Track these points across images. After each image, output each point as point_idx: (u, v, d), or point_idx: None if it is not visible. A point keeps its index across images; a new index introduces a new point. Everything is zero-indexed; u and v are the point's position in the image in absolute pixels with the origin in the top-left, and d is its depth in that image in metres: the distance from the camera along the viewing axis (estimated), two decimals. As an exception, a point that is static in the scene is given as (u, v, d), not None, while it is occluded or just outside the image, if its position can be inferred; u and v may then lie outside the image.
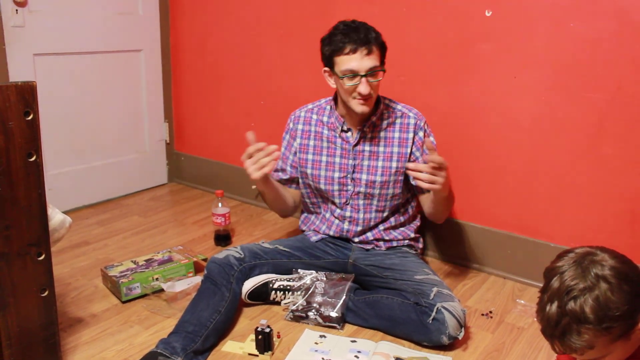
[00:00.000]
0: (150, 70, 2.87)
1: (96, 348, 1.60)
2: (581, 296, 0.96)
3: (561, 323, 0.98)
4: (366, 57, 1.64)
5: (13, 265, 1.27)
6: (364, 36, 1.64)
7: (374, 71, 1.66)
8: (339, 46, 1.65)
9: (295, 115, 1.95)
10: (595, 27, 1.75)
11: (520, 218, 2.03)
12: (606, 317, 0.94)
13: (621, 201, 1.81)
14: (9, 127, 1.20)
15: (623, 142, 1.77)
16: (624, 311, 0.94)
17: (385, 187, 1.81)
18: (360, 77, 1.64)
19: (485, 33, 1.95)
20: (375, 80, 1.68)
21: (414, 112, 1.84)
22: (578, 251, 1.03)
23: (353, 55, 1.64)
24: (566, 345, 0.99)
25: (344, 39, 1.65)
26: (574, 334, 0.97)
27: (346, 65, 1.65)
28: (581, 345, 0.97)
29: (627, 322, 0.96)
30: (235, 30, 2.64)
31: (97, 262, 2.12)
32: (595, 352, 0.98)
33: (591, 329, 0.95)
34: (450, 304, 1.58)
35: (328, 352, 1.58)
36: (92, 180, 2.71)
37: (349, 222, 1.87)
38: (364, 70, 1.64)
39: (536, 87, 1.89)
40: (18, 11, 2.28)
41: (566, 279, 0.99)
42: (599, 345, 0.97)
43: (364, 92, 1.64)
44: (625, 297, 0.95)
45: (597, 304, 0.95)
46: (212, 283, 1.69)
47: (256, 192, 2.77)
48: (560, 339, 0.99)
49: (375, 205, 1.84)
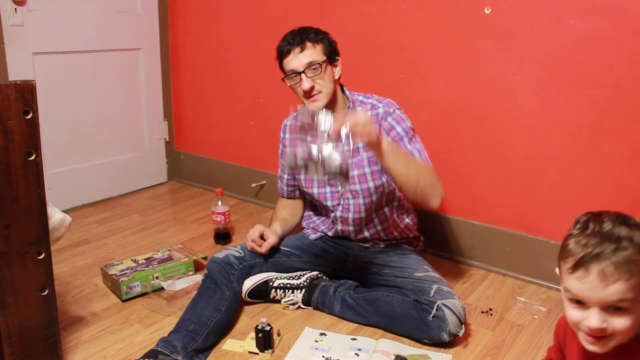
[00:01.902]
0: (149, 69, 2.87)
1: (96, 347, 1.61)
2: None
3: (624, 237, 0.92)
4: (300, 54, 1.68)
5: (13, 265, 1.27)
6: (297, 36, 1.70)
7: (313, 66, 1.68)
8: (280, 51, 1.73)
9: (283, 125, 1.98)
10: (594, 24, 1.75)
11: (520, 215, 2.03)
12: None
13: (620, 198, 1.82)
14: (8, 126, 1.20)
15: (622, 139, 1.77)
16: None
17: (380, 189, 1.78)
18: (300, 75, 1.68)
19: (485, 30, 1.95)
20: (316, 75, 1.68)
21: (385, 102, 1.78)
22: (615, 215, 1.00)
23: (289, 56, 1.70)
24: (613, 261, 0.91)
25: (282, 43, 1.73)
26: (626, 250, 0.91)
27: (287, 66, 1.71)
28: (628, 267, 0.89)
29: None
30: (235, 29, 2.64)
31: (97, 261, 2.13)
32: (627, 290, 0.90)
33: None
34: (450, 301, 1.59)
35: (328, 350, 1.58)
36: (92, 179, 2.71)
37: (342, 223, 1.87)
38: (300, 67, 1.68)
39: (535, 84, 1.89)
40: (17, 10, 2.28)
41: (619, 215, 0.95)
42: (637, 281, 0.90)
43: (305, 87, 1.68)
44: None
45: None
46: (213, 282, 1.69)
47: (256, 191, 2.78)
48: (607, 253, 0.91)
49: (363, 204, 1.82)
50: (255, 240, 1.80)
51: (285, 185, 2.01)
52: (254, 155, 2.75)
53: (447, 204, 2.17)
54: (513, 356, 1.59)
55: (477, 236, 2.12)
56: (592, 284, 0.92)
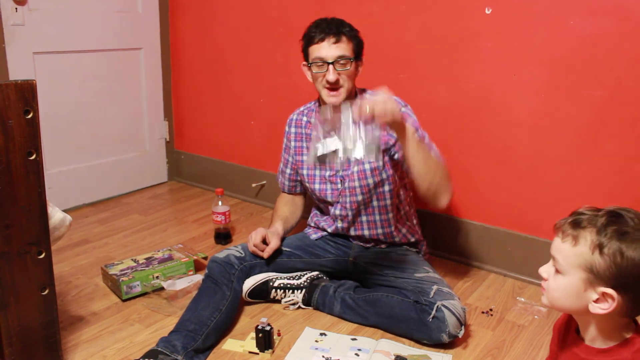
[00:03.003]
0: (150, 69, 2.87)
1: (97, 346, 1.61)
2: (627, 228, 0.91)
3: (595, 215, 0.93)
4: (334, 45, 1.67)
5: (13, 264, 1.27)
6: (334, 27, 1.69)
7: (342, 60, 1.67)
8: (310, 36, 1.71)
9: (289, 119, 1.97)
10: (595, 24, 1.75)
11: (520, 215, 2.03)
12: (610, 249, 0.89)
13: (622, 198, 1.81)
14: (8, 125, 1.20)
15: (623, 139, 1.77)
16: (616, 269, 0.89)
17: (380, 186, 1.78)
18: (328, 65, 1.66)
19: (485, 30, 1.95)
20: (343, 69, 1.68)
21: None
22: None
23: (322, 44, 1.67)
24: (570, 223, 0.94)
25: (315, 30, 1.70)
26: (584, 223, 0.93)
27: (315, 53, 1.69)
28: (576, 232, 0.93)
29: (605, 275, 0.90)
30: (235, 28, 2.64)
31: (97, 261, 2.13)
32: (568, 257, 0.93)
33: (594, 236, 0.91)
34: (450, 302, 1.59)
35: (328, 350, 1.58)
36: (92, 179, 2.71)
37: (341, 220, 1.87)
38: (331, 58, 1.66)
39: (536, 84, 1.89)
40: (18, 9, 2.28)
41: (634, 216, 0.93)
42: (577, 250, 0.92)
43: (330, 79, 1.66)
44: (632, 270, 0.89)
45: (622, 242, 0.89)
46: (213, 282, 1.69)
47: (256, 190, 2.78)
48: (574, 220, 0.95)
49: (362, 200, 1.82)
50: (258, 245, 1.80)
51: (287, 179, 2.00)
52: (254, 155, 2.75)
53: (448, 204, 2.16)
54: (513, 356, 1.59)
55: (477, 236, 2.12)
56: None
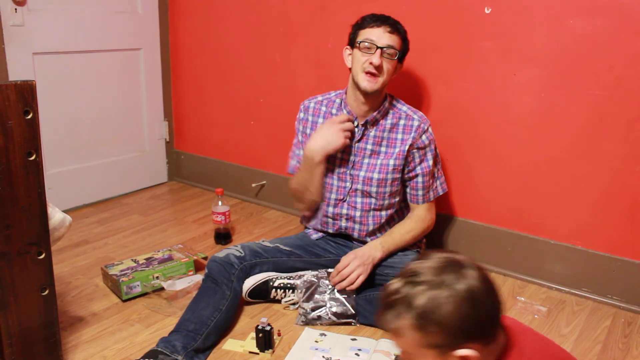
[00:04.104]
0: (149, 69, 2.87)
1: (97, 347, 1.61)
2: (423, 285, 0.92)
3: (392, 297, 0.95)
4: (388, 33, 1.71)
5: (13, 265, 1.27)
6: (392, 21, 1.74)
7: (390, 50, 1.71)
8: (366, 21, 1.75)
9: (304, 106, 1.94)
10: (594, 23, 1.75)
11: (520, 215, 2.03)
12: (430, 322, 0.90)
13: (621, 197, 1.82)
14: (8, 126, 1.20)
15: (622, 139, 1.77)
16: (450, 328, 0.90)
17: (382, 185, 1.81)
18: (377, 49, 1.69)
19: (485, 30, 1.95)
20: (390, 59, 1.71)
21: (419, 115, 1.82)
22: (454, 255, 0.98)
23: (376, 29, 1.72)
24: (384, 321, 0.96)
25: (373, 17, 1.75)
26: (393, 313, 0.94)
27: (367, 34, 1.72)
28: (394, 327, 0.94)
29: (447, 340, 0.91)
30: (235, 29, 2.64)
31: (97, 261, 2.13)
32: (406, 345, 0.95)
33: (410, 319, 0.92)
34: (450, 301, 1.58)
35: (328, 350, 1.58)
36: (92, 179, 2.71)
37: (346, 220, 1.87)
38: (381, 43, 1.70)
39: (536, 84, 1.89)
40: (17, 10, 2.28)
41: (424, 265, 0.95)
42: (409, 339, 0.93)
43: (375, 62, 1.68)
44: (461, 318, 0.90)
45: (431, 302, 0.90)
46: (213, 282, 1.69)
47: (256, 190, 2.78)
48: (384, 312, 0.96)
49: (374, 204, 1.84)
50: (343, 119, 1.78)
51: (299, 162, 1.96)
52: (254, 155, 2.75)
53: (448, 204, 2.17)
54: (513, 356, 1.59)
55: (477, 236, 2.12)
56: None
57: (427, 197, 1.86)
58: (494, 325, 0.95)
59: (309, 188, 1.84)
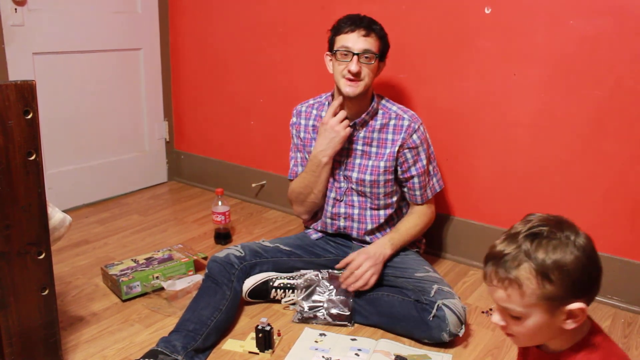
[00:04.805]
0: (149, 69, 2.87)
1: (97, 347, 1.61)
2: (546, 238, 0.93)
3: (510, 248, 0.95)
4: (362, 38, 1.69)
5: (13, 265, 1.27)
6: (366, 22, 1.72)
7: (367, 54, 1.69)
8: (341, 26, 1.73)
9: (297, 110, 1.95)
10: (594, 24, 1.75)
11: (520, 215, 2.01)
12: (553, 270, 0.90)
13: (621, 198, 1.81)
14: (8, 126, 1.20)
15: (623, 139, 1.77)
16: (570, 279, 0.91)
17: (375, 186, 1.81)
18: (353, 56, 1.68)
19: (485, 30, 1.95)
20: (367, 64, 1.70)
21: (409, 115, 1.81)
22: (560, 216, 0.99)
23: (351, 34, 1.70)
24: (498, 273, 0.95)
25: (346, 21, 1.73)
26: (514, 263, 0.93)
27: (342, 41, 1.71)
28: (513, 276, 0.93)
29: (563, 292, 0.91)
30: (235, 28, 2.64)
31: (97, 261, 2.13)
32: (518, 298, 0.94)
33: (533, 268, 0.91)
34: (450, 301, 1.59)
35: (328, 350, 1.58)
36: (92, 179, 2.71)
37: (345, 219, 1.87)
38: (357, 49, 1.68)
39: (535, 85, 1.89)
40: (17, 10, 2.28)
41: (543, 223, 0.96)
42: (526, 291, 0.92)
43: (353, 69, 1.67)
44: (582, 271, 0.91)
45: (556, 253, 0.91)
46: (213, 282, 1.69)
47: (256, 191, 2.78)
48: (496, 263, 0.96)
49: (370, 203, 1.84)
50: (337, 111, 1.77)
51: (300, 165, 1.96)
52: (254, 155, 2.75)
53: (448, 204, 2.17)
54: (513, 356, 1.59)
55: (477, 236, 2.12)
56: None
57: (425, 196, 1.87)
58: (598, 287, 0.97)
59: (313, 190, 1.86)
